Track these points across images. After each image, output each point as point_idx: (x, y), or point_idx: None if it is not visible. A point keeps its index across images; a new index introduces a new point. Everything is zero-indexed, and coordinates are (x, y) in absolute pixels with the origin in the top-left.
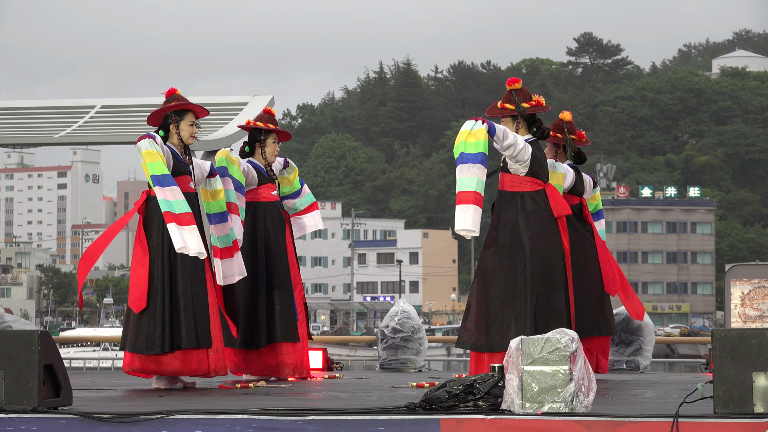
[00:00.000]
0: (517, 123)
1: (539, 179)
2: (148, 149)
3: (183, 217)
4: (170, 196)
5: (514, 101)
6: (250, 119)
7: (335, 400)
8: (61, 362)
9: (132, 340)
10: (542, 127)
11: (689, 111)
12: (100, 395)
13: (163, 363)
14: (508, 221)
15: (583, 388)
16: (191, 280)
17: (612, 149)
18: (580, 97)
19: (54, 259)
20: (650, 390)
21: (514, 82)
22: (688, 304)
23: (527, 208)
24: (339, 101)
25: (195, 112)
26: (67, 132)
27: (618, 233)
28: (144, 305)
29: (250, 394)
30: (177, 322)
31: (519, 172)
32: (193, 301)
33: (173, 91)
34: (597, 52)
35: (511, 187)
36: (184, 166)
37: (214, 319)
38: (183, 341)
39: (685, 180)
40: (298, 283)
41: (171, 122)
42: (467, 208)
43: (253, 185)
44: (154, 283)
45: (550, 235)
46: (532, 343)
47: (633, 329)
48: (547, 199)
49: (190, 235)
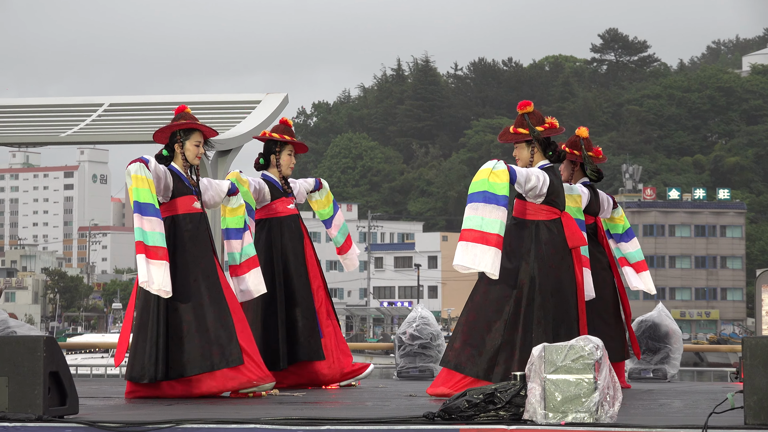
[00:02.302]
0: (532, 148)
1: (555, 207)
2: (137, 174)
3: (155, 251)
4: (147, 227)
5: (528, 125)
6: (266, 130)
7: (350, 409)
8: (67, 369)
9: (129, 368)
10: (558, 150)
11: (718, 110)
12: (107, 403)
13: (166, 389)
14: (520, 249)
15: (609, 398)
16: (201, 301)
17: (638, 150)
18: (605, 96)
19: (60, 263)
20: (678, 400)
21: (525, 106)
22: (718, 311)
23: (541, 238)
24: (355, 99)
25: (203, 132)
26: (74, 131)
27: (645, 237)
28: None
29: (263, 403)
30: (179, 348)
31: (535, 200)
32: (202, 324)
33: (183, 108)
34: (623, 48)
35: (525, 215)
36: (188, 186)
37: (243, 333)
38: (186, 368)
39: (714, 182)
40: (322, 297)
41: (177, 141)
42: (489, 250)
43: (266, 201)
44: (150, 307)
45: (562, 267)
46: (555, 350)
47: (660, 337)
48: (562, 229)
49: (156, 270)
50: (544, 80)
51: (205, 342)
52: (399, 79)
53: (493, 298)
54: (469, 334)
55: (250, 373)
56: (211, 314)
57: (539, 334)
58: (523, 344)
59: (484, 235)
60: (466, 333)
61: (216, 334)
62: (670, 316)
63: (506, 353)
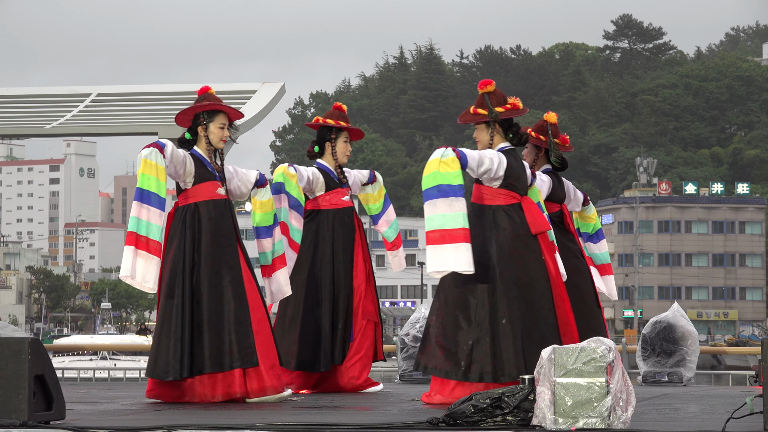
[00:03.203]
0: (491, 130)
1: (515, 192)
2: (147, 159)
3: (146, 243)
4: (144, 216)
5: (487, 106)
6: (319, 117)
7: (351, 414)
8: (54, 372)
9: (151, 366)
10: (520, 133)
11: (737, 100)
12: (95, 408)
13: (186, 389)
14: (478, 237)
15: (621, 402)
16: (221, 295)
17: (653, 142)
18: (618, 85)
19: (46, 261)
20: (694, 404)
21: (485, 85)
22: (736, 311)
23: (499, 225)
24: (356, 89)
25: (227, 114)
26: (60, 122)
27: (659, 233)
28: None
29: (259, 407)
30: (199, 343)
31: (492, 184)
32: (221, 320)
33: (206, 89)
34: (637, 35)
35: (482, 200)
36: (212, 172)
37: (261, 334)
38: (205, 365)
39: (732, 175)
40: (365, 298)
41: (200, 124)
42: (460, 247)
43: (321, 191)
44: (174, 301)
45: (525, 254)
46: (565, 353)
47: (676, 338)
48: (523, 214)
49: (144, 264)
50: (554, 69)
51: (221, 339)
52: (401, 67)
53: (459, 293)
54: (441, 334)
55: (263, 378)
56: (230, 310)
57: (506, 326)
58: (493, 338)
59: (448, 232)
60: (438, 334)
61: (232, 332)
62: (686, 316)
63: (479, 350)
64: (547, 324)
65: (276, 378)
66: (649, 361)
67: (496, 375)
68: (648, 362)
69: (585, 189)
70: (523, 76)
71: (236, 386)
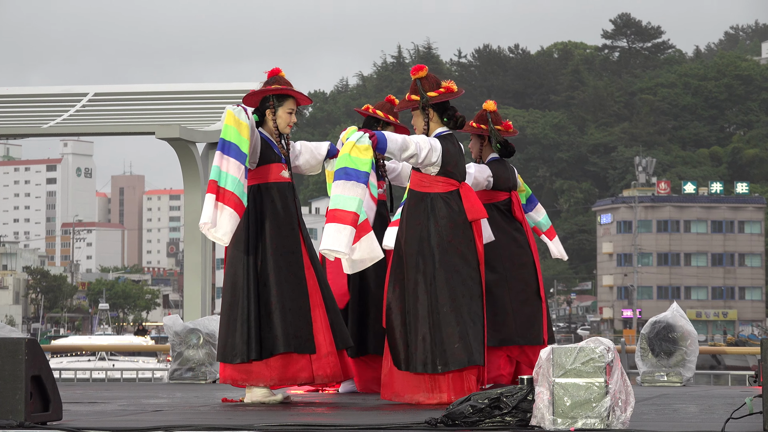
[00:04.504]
0: (426, 115)
1: (453, 179)
2: (236, 116)
3: (223, 195)
4: (225, 167)
5: (419, 91)
6: (369, 105)
7: (349, 415)
8: (50, 373)
9: (221, 349)
10: (456, 116)
11: (737, 99)
12: (92, 409)
13: (254, 372)
14: (417, 226)
15: (621, 403)
16: (284, 278)
17: (652, 141)
18: (617, 85)
19: (42, 261)
20: (693, 405)
21: (417, 70)
22: (736, 311)
23: (438, 213)
24: (353, 88)
25: (297, 99)
26: (57, 122)
27: (658, 233)
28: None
29: (257, 408)
30: (268, 325)
31: (430, 171)
32: (286, 302)
33: (277, 71)
34: (635, 34)
35: (420, 187)
36: (278, 154)
37: (318, 320)
38: (279, 344)
39: (731, 175)
40: None
41: (268, 107)
42: (344, 229)
43: None
44: (239, 283)
45: (463, 242)
46: (564, 352)
47: (675, 338)
48: (461, 202)
49: (223, 217)
50: (553, 68)
51: (285, 322)
52: (399, 67)
53: (399, 282)
54: (392, 327)
55: (320, 366)
56: (289, 293)
57: (446, 314)
58: (434, 327)
59: (340, 213)
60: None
61: (291, 316)
62: (685, 316)
63: (424, 341)
64: (476, 309)
65: (332, 366)
66: (648, 361)
67: (435, 365)
68: (647, 362)
69: (584, 189)
70: (521, 76)
71: (304, 371)
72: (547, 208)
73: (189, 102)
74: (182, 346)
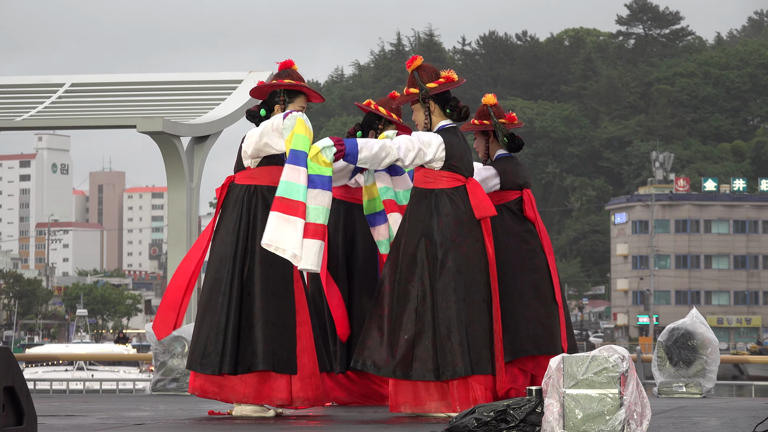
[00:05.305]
0: (427, 108)
1: (458, 173)
2: (305, 123)
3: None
4: (295, 178)
5: (417, 83)
6: (371, 100)
7: (347, 428)
8: (24, 384)
9: (191, 354)
10: (459, 106)
11: (761, 90)
12: (69, 422)
13: (227, 386)
14: (419, 224)
15: (636, 415)
16: (271, 290)
17: (670, 135)
18: (633, 74)
19: (16, 263)
20: (714, 417)
21: (413, 61)
22: (760, 317)
23: (441, 210)
24: (349, 78)
25: (308, 96)
26: (31, 114)
27: (677, 233)
28: (170, 331)
29: (245, 421)
30: (248, 338)
31: (433, 166)
32: (271, 316)
33: (289, 64)
34: (652, 20)
35: (424, 184)
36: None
37: (304, 338)
38: (258, 361)
39: (755, 171)
40: None
41: (278, 102)
42: (315, 244)
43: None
44: (220, 288)
45: (468, 241)
46: (575, 362)
47: (695, 346)
48: (467, 198)
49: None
50: (564, 57)
51: (267, 338)
52: (399, 55)
53: (399, 283)
54: (382, 328)
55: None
56: (275, 306)
57: (448, 318)
58: (435, 331)
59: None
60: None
61: (274, 332)
62: (705, 323)
63: (422, 345)
64: (485, 316)
65: (314, 388)
66: (666, 371)
67: (438, 372)
68: (664, 372)
69: (596, 186)
70: (529, 65)
71: (281, 392)
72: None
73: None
74: (166, 355)
